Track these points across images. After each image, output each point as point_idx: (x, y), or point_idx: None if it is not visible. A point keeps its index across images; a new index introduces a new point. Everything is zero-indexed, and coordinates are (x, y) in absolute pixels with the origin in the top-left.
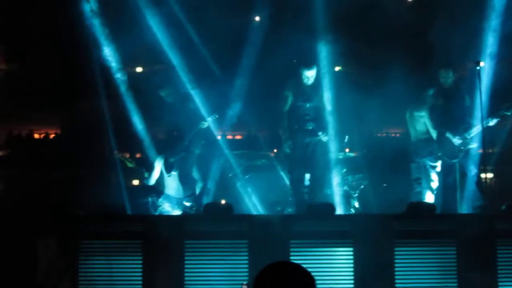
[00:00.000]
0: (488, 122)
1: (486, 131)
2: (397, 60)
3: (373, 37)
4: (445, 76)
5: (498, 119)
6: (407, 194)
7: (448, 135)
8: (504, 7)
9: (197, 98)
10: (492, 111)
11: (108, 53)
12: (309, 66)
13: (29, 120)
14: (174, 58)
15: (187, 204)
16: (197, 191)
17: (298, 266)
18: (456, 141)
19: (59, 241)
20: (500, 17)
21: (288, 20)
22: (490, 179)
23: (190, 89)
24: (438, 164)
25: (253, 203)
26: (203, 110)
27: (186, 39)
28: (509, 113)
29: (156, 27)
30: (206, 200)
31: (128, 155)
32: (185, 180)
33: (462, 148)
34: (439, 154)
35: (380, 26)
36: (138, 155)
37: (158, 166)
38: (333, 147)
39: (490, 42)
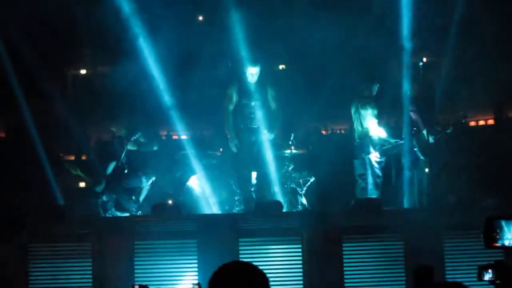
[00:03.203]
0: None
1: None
2: (341, 55)
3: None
4: (369, 88)
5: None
6: (352, 190)
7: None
8: None
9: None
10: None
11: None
12: (252, 64)
13: None
14: None
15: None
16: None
17: (252, 266)
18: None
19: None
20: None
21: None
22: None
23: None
24: (383, 160)
25: (202, 203)
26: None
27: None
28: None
29: None
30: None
31: (73, 158)
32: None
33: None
34: (416, 149)
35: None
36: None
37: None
38: (278, 145)
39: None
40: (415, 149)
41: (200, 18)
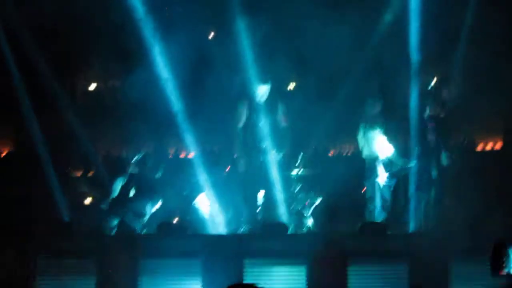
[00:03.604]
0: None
1: None
2: (352, 78)
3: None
4: (372, 105)
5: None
6: (360, 213)
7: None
8: None
9: None
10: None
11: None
12: (262, 82)
13: None
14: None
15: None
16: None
17: None
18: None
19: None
20: None
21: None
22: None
23: None
24: (393, 183)
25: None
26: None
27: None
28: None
29: None
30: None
31: (80, 173)
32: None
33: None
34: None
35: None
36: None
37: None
38: (286, 164)
39: None
40: (433, 171)
41: (212, 34)
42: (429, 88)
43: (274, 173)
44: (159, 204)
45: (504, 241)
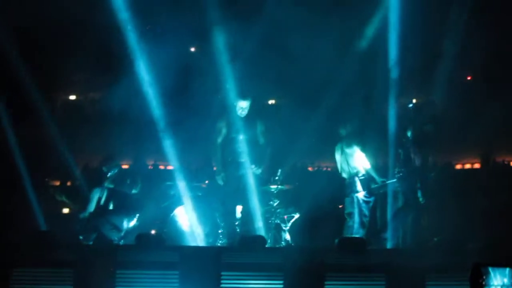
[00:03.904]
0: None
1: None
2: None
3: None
4: (241, 107)
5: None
6: (339, 228)
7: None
8: None
9: None
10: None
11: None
12: (243, 97)
13: None
14: None
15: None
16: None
17: None
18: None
19: None
20: None
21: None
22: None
23: None
24: (372, 199)
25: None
26: None
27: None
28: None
29: None
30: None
31: (58, 183)
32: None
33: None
34: (418, 191)
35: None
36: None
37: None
38: (265, 179)
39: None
40: (417, 191)
41: (192, 49)
42: (410, 106)
43: (253, 188)
44: (135, 220)
45: (484, 260)
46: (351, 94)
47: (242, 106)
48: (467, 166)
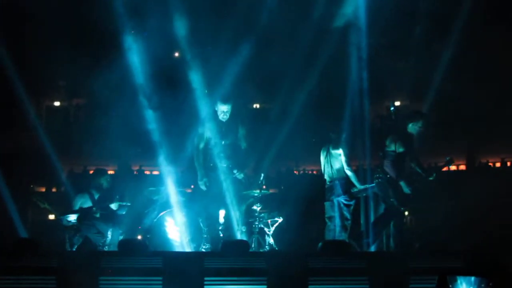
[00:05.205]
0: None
1: None
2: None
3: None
4: (222, 111)
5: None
6: (321, 232)
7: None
8: None
9: None
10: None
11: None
12: (224, 101)
13: None
14: None
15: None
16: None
17: None
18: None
19: None
20: None
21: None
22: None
23: None
24: (352, 203)
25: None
26: None
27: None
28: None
29: None
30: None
31: (43, 189)
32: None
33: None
34: (392, 199)
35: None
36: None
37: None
38: (248, 184)
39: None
40: (392, 199)
41: (176, 54)
42: (392, 109)
43: (236, 192)
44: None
45: (449, 271)
46: (334, 100)
47: (224, 110)
48: (453, 167)
